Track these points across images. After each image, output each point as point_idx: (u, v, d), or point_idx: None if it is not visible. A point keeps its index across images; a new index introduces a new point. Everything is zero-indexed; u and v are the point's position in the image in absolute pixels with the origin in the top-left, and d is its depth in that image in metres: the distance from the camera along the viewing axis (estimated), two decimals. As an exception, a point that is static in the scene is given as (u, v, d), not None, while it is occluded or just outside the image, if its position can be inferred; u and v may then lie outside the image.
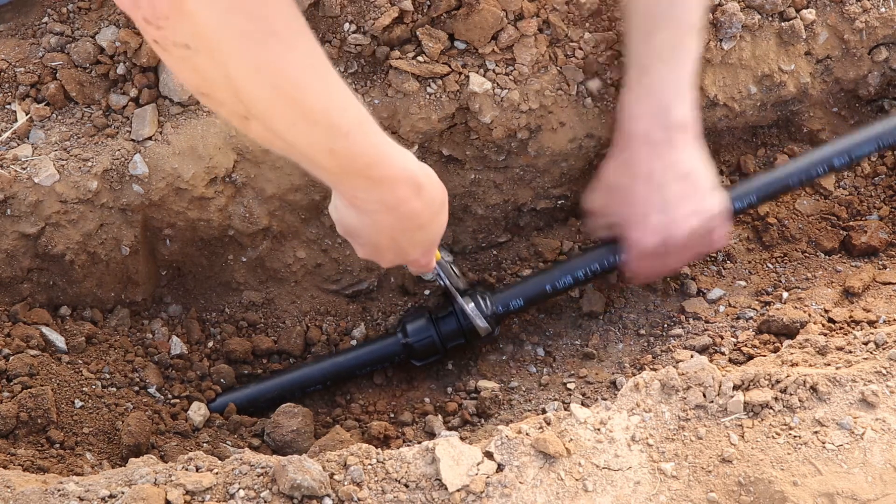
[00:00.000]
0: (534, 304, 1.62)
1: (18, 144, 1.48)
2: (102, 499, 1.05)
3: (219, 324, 1.67)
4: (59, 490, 1.06)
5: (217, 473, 1.08)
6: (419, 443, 1.11)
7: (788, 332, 1.46)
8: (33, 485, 1.08)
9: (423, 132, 1.57)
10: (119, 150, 1.48)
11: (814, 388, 1.13)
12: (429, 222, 1.28)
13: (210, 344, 1.64)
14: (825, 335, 1.39)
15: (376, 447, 1.12)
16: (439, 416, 1.55)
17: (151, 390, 1.51)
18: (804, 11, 1.69)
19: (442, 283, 1.56)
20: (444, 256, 1.56)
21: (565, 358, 1.63)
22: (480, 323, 1.53)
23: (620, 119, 1.48)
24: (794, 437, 1.10)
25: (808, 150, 1.71)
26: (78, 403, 1.41)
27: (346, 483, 1.06)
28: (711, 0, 1.60)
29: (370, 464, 1.08)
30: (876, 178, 1.77)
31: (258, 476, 1.07)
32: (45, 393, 1.36)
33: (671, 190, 1.43)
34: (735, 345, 1.49)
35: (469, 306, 1.54)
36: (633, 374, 1.39)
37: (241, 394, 1.57)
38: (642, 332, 1.62)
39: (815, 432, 1.10)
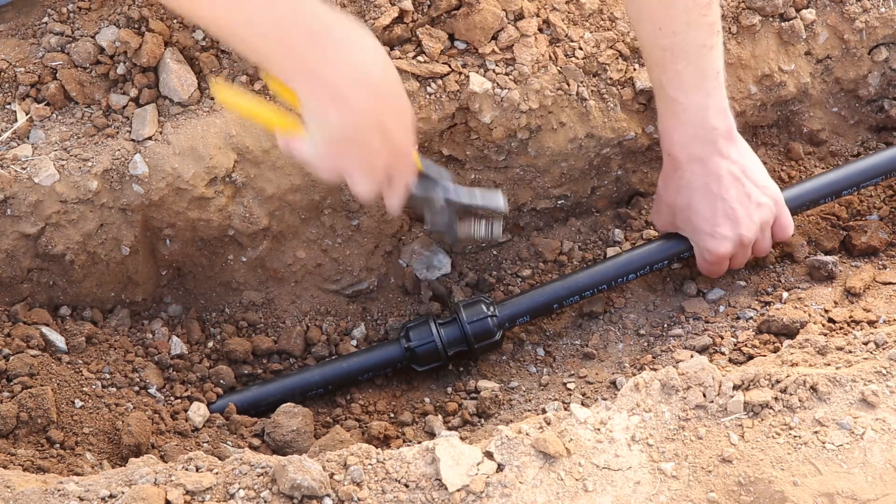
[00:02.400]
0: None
1: (18, 144, 1.48)
2: (102, 499, 1.05)
3: (219, 324, 1.66)
4: (59, 490, 1.06)
5: (217, 473, 1.08)
6: (419, 443, 1.11)
7: (788, 332, 1.46)
8: (33, 485, 1.08)
9: (423, 132, 1.56)
10: (119, 150, 1.48)
11: (814, 388, 1.13)
12: (399, 86, 1.21)
13: (210, 344, 1.64)
14: (825, 335, 1.39)
15: (376, 447, 1.12)
16: (439, 416, 1.55)
17: (152, 390, 1.51)
18: (804, 11, 1.69)
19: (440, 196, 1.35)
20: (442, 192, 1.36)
21: (565, 358, 1.63)
22: (501, 205, 1.36)
23: (664, 145, 1.53)
24: (794, 437, 1.10)
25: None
26: (78, 403, 1.41)
27: (346, 483, 1.06)
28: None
29: (370, 464, 1.08)
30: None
31: (258, 476, 1.07)
32: (45, 393, 1.36)
33: (730, 194, 1.49)
34: (735, 345, 1.49)
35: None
36: (633, 374, 1.38)
37: (242, 397, 1.57)
38: (642, 332, 1.62)
39: (815, 432, 1.10)
